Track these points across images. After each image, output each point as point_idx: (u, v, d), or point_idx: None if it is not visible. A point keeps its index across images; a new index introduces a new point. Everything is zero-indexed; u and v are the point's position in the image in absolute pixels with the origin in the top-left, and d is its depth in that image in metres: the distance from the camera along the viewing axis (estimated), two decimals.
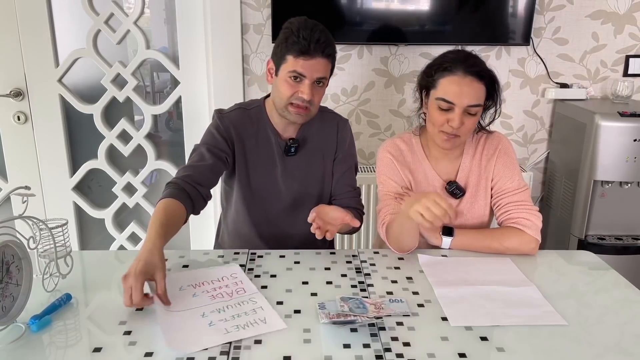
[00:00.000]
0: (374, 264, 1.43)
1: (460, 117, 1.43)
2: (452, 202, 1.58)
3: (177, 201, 1.40)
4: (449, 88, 1.43)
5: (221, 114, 1.62)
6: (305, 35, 1.43)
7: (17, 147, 2.47)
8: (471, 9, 2.37)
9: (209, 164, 1.54)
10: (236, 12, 2.31)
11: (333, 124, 1.68)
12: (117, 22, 2.36)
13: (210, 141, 1.58)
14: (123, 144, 2.51)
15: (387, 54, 2.44)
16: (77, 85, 2.47)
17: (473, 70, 1.43)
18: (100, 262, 1.45)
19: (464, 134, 1.48)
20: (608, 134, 2.17)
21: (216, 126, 1.59)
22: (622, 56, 2.49)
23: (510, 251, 1.46)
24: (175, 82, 2.46)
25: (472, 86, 1.42)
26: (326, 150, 1.67)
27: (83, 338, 1.08)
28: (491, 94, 1.48)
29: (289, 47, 1.45)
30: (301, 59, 1.44)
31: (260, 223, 1.68)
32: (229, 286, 1.27)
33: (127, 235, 2.65)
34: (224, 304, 1.19)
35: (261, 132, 1.62)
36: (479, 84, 1.44)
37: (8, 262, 1.08)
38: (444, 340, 1.08)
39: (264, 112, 1.62)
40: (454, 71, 1.43)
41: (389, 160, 1.59)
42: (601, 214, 2.30)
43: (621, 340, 1.09)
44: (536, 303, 1.23)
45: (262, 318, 1.12)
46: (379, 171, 1.61)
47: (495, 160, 1.57)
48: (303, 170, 1.65)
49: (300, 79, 1.46)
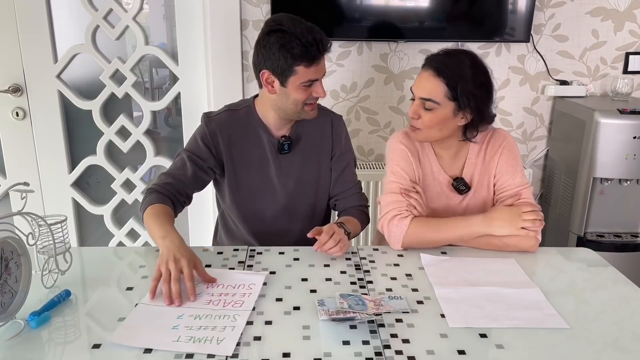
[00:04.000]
0: (374, 260, 1.43)
1: (416, 108, 1.48)
2: (456, 198, 1.58)
3: (164, 205, 1.45)
4: (417, 80, 1.49)
5: (208, 118, 1.59)
6: (308, 41, 1.40)
7: (16, 143, 2.47)
8: (471, 6, 2.36)
9: (189, 175, 1.55)
10: (235, 8, 2.30)
11: (327, 121, 1.66)
12: (116, 18, 2.35)
13: (194, 149, 1.58)
14: (122, 140, 2.51)
15: (386, 50, 2.44)
16: (75, 81, 2.46)
17: (432, 65, 1.46)
18: (100, 258, 1.45)
19: (422, 127, 1.49)
20: (608, 131, 2.16)
21: (201, 133, 1.58)
22: (622, 53, 2.49)
23: (509, 247, 1.46)
24: (174, 78, 2.45)
25: (429, 80, 1.45)
26: (321, 147, 1.65)
27: (82, 334, 1.08)
28: (454, 95, 1.44)
29: (296, 57, 1.41)
30: (313, 67, 1.44)
31: (254, 223, 1.67)
32: (236, 295, 1.22)
33: (126, 232, 2.65)
34: (207, 312, 1.15)
35: (252, 133, 1.60)
36: (437, 80, 1.44)
37: (7, 259, 1.08)
38: (443, 337, 1.08)
39: (254, 112, 1.60)
40: (424, 68, 1.48)
41: (403, 150, 1.57)
42: (600, 211, 2.30)
43: (620, 337, 1.09)
44: (538, 305, 1.21)
45: (222, 338, 1.05)
46: (392, 160, 1.57)
47: (498, 157, 1.57)
48: (298, 168, 1.63)
49: (312, 83, 1.47)
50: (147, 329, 1.08)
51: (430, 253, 1.46)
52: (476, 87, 1.44)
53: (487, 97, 1.48)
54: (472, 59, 1.47)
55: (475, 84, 1.44)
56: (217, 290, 1.24)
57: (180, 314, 1.14)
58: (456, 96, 1.43)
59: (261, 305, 1.19)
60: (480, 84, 1.45)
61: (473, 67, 1.45)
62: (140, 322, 1.11)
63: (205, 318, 1.13)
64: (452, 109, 1.46)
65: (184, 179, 1.54)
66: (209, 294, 1.23)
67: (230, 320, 1.12)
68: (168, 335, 1.06)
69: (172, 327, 1.09)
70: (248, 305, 1.18)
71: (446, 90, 1.43)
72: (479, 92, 1.45)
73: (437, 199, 1.59)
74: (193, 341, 1.04)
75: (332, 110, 1.74)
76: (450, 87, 1.43)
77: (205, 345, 1.03)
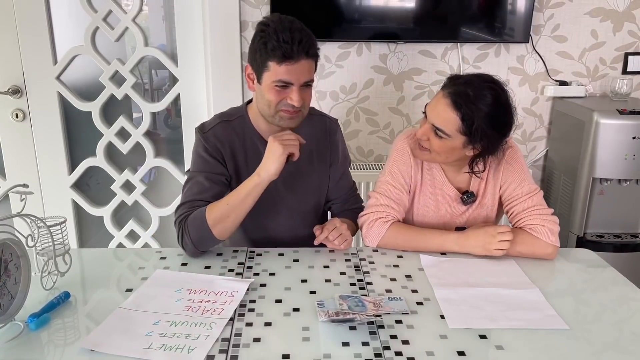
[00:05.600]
0: (373, 262, 1.43)
1: (426, 131, 1.43)
2: (460, 208, 1.57)
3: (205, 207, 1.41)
4: (432, 103, 1.45)
5: (204, 133, 1.51)
6: (285, 38, 1.33)
7: (16, 145, 2.47)
8: (470, 7, 2.36)
9: (210, 194, 1.46)
10: (235, 9, 2.30)
11: (323, 128, 1.62)
12: (116, 20, 2.35)
13: (205, 167, 1.49)
14: (121, 142, 2.51)
15: (386, 51, 2.44)
16: (75, 83, 2.46)
17: (451, 95, 1.39)
18: (99, 260, 1.45)
19: (433, 150, 1.45)
20: (607, 132, 2.16)
21: (204, 149, 1.50)
22: (621, 54, 2.49)
23: (525, 256, 1.44)
24: (174, 80, 2.45)
25: (445, 110, 1.39)
26: (318, 153, 1.61)
27: (81, 336, 1.08)
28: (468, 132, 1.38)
29: (269, 53, 1.35)
30: (285, 65, 1.35)
31: (254, 231, 1.62)
32: (217, 302, 1.20)
33: (125, 233, 2.65)
34: (184, 319, 1.13)
35: (248, 143, 1.54)
36: (452, 113, 1.38)
37: (6, 260, 1.08)
38: (442, 339, 1.08)
39: (247, 121, 1.54)
40: (443, 88, 1.43)
41: (406, 153, 1.54)
42: (600, 211, 2.30)
43: (620, 338, 1.10)
44: (538, 306, 1.21)
45: (193, 347, 1.04)
46: (393, 160, 1.55)
47: (503, 167, 1.53)
48: (296, 175, 1.58)
49: (287, 85, 1.38)
50: (120, 335, 1.07)
51: (430, 254, 1.46)
52: (492, 127, 1.38)
53: (502, 136, 1.43)
54: (495, 96, 1.38)
55: (492, 124, 1.38)
56: (198, 297, 1.23)
57: (157, 319, 1.13)
58: (469, 132, 1.38)
59: (261, 307, 1.19)
60: (498, 124, 1.39)
61: (494, 105, 1.37)
62: (115, 327, 1.10)
63: (182, 325, 1.11)
64: (463, 142, 1.41)
65: (208, 199, 1.45)
66: (190, 300, 1.21)
67: (206, 328, 1.10)
68: (140, 342, 1.05)
69: (146, 333, 1.08)
70: (227, 314, 1.15)
71: (460, 125, 1.37)
72: (494, 132, 1.39)
73: (439, 208, 1.58)
74: (164, 349, 1.03)
75: (329, 113, 1.72)
76: (465, 122, 1.37)
77: (176, 353, 1.02)
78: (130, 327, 1.10)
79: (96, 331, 1.08)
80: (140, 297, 1.22)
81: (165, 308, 1.18)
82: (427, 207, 1.58)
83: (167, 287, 1.27)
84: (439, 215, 1.59)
